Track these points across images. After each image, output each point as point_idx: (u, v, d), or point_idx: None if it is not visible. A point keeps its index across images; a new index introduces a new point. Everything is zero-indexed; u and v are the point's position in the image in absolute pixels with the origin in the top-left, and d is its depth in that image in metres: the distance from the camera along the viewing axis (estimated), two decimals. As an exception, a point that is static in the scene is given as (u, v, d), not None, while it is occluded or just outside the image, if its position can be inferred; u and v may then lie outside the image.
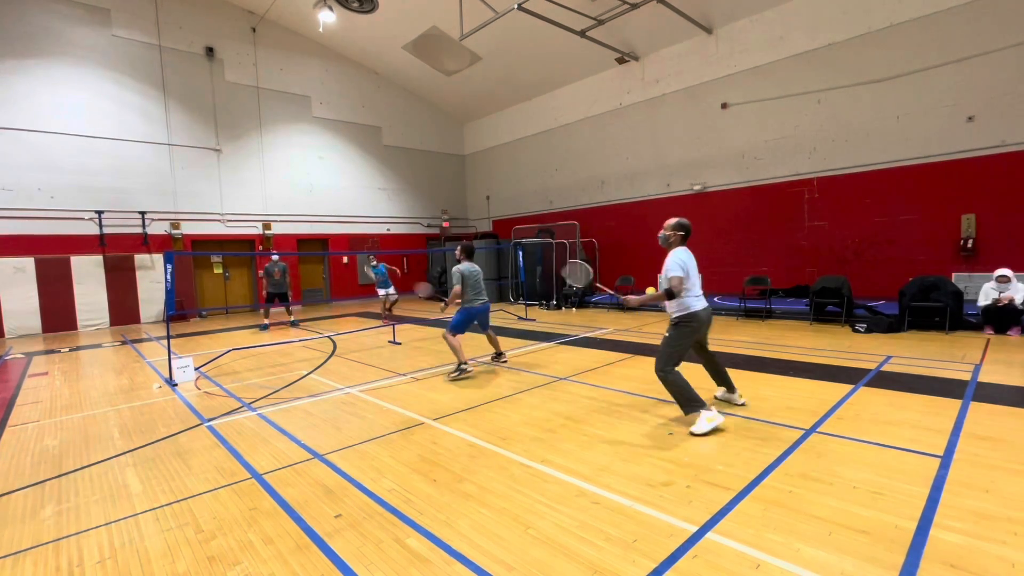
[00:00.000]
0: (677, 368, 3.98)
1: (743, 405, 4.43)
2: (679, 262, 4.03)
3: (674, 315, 4.05)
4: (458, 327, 6.12)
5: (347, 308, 15.58)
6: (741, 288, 10.44)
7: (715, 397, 4.57)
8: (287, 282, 11.45)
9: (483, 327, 6.56)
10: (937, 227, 9.63)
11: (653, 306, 11.73)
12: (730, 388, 4.48)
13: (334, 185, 16.93)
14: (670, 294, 3.97)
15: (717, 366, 4.46)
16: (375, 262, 11.69)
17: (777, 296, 10.73)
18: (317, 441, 4.03)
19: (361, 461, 3.59)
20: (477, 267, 6.36)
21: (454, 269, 6.24)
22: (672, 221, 4.33)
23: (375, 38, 15.62)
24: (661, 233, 4.39)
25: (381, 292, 11.66)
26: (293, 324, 11.56)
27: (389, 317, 11.54)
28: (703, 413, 3.83)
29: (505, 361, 6.71)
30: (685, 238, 4.28)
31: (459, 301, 6.20)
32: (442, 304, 6.15)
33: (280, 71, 15.60)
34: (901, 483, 2.90)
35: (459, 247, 6.36)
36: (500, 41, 14.15)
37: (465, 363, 6.00)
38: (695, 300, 4.03)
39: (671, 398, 4.08)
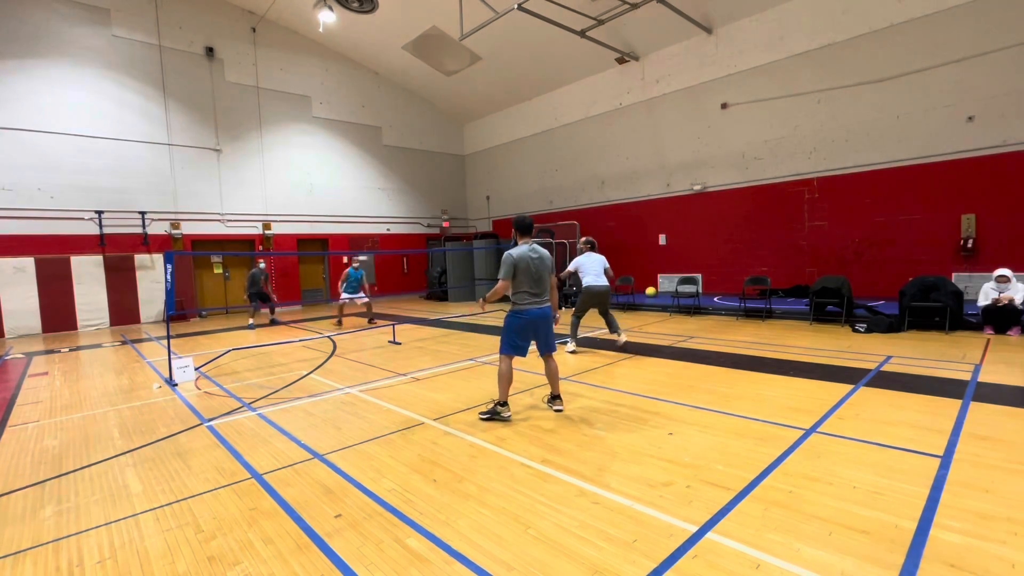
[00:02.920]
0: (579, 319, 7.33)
1: (623, 340, 7.12)
2: (575, 262, 7.34)
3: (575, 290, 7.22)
4: (505, 344, 4.38)
5: (347, 308, 15.55)
6: (741, 288, 10.44)
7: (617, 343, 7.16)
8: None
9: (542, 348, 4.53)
10: (937, 227, 9.64)
11: (656, 305, 11.74)
12: (613, 329, 7.21)
13: (334, 185, 16.93)
14: (561, 282, 7.19)
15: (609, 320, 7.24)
16: (357, 264, 11.30)
17: (777, 296, 10.74)
18: (317, 441, 4.03)
19: (361, 461, 3.59)
20: (541, 250, 4.40)
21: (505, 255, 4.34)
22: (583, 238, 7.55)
23: (375, 38, 15.62)
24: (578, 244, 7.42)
25: (346, 297, 11.02)
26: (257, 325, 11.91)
27: (341, 322, 11.45)
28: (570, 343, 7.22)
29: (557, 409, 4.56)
30: (590, 248, 7.46)
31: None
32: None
33: (280, 71, 15.60)
34: (901, 483, 2.90)
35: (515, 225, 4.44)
36: (500, 41, 14.15)
37: (502, 404, 4.33)
38: (591, 279, 7.10)
39: (672, 397, 4.49)
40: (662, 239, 14.10)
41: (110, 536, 2.71)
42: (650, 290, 13.53)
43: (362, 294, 11.21)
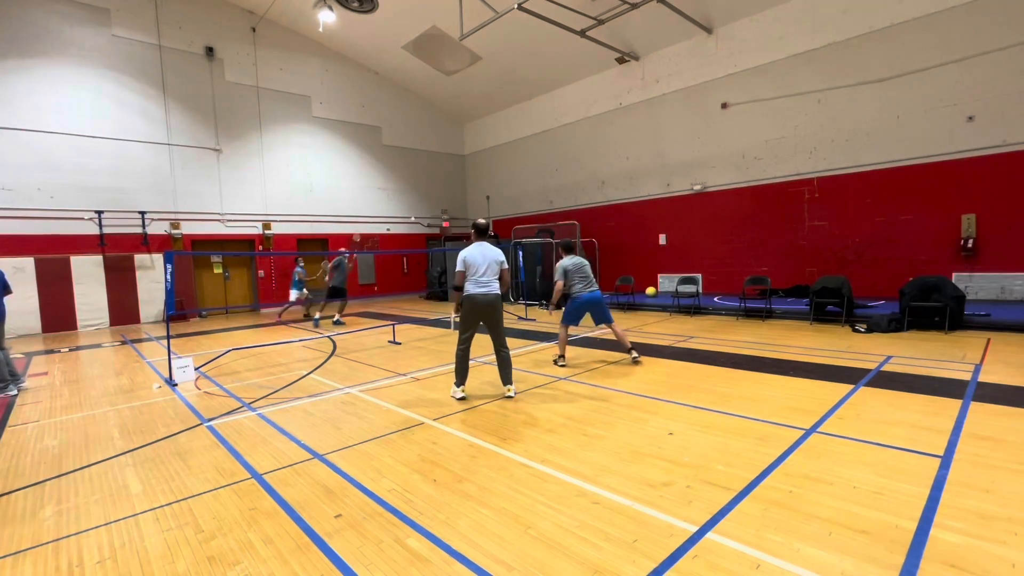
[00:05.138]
0: (464, 340, 4.98)
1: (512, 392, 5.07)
2: (460, 257, 4.92)
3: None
4: (566, 317, 6.40)
5: (347, 308, 15.56)
6: (741, 288, 10.44)
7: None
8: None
9: (597, 319, 6.44)
10: (937, 227, 9.64)
11: (656, 305, 11.74)
12: (505, 382, 5.10)
13: (334, 185, 16.93)
14: (455, 287, 5.07)
15: (500, 358, 5.11)
16: (302, 263, 12.25)
17: (777, 296, 10.74)
18: (317, 441, 4.03)
19: (361, 461, 3.59)
20: (581, 259, 6.44)
21: (557, 264, 6.43)
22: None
23: (375, 38, 15.62)
24: None
25: (296, 294, 12.16)
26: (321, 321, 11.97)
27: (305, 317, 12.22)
28: (455, 386, 5.05)
29: (635, 358, 6.30)
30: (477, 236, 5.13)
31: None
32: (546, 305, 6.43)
33: (280, 71, 15.60)
34: (901, 483, 2.90)
35: (560, 246, 6.68)
36: (500, 41, 14.15)
37: (561, 356, 6.46)
38: (471, 286, 4.91)
39: (672, 397, 4.45)
40: (662, 239, 14.10)
41: (110, 536, 2.71)
42: (650, 290, 13.53)
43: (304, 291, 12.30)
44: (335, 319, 11.63)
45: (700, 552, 2.33)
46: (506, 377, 5.05)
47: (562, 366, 6.32)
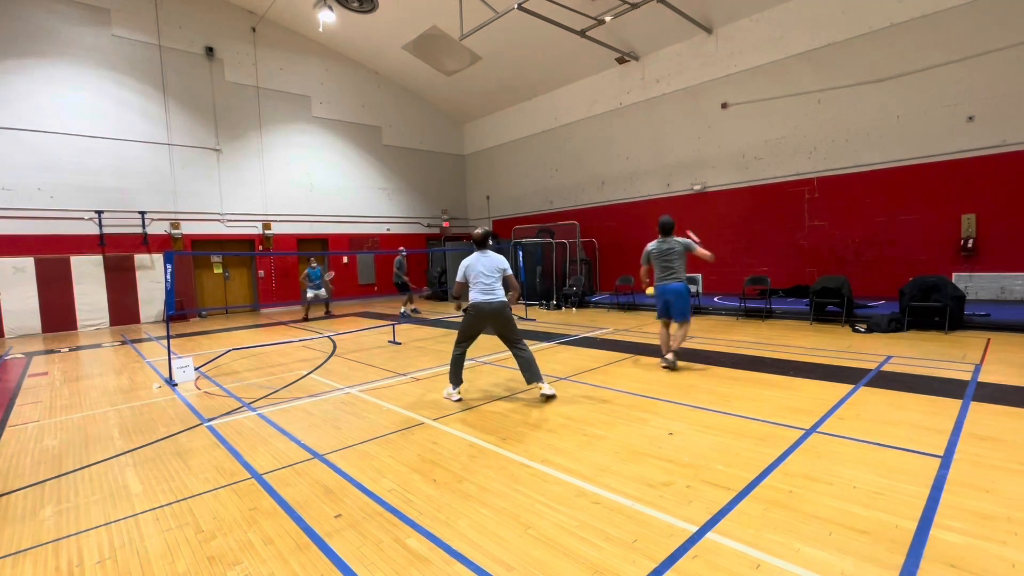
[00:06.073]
0: (462, 345, 5.02)
1: (552, 396, 4.85)
2: (461, 267, 4.99)
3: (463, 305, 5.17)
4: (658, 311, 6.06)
5: (347, 308, 15.57)
6: (741, 288, 10.44)
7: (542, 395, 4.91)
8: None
9: (672, 315, 5.92)
10: (937, 227, 9.63)
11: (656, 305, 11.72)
12: (532, 380, 4.92)
13: (334, 185, 16.93)
14: (454, 297, 5.24)
15: (519, 360, 4.95)
16: (314, 264, 12.75)
17: (777, 296, 10.73)
18: (317, 441, 4.03)
19: (361, 461, 3.59)
20: (672, 241, 6.03)
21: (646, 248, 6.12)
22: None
23: (375, 38, 15.62)
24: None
25: (311, 294, 12.67)
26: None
27: (309, 319, 12.72)
28: (451, 388, 4.98)
29: (667, 365, 5.82)
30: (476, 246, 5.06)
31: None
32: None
33: (280, 71, 15.60)
34: (901, 483, 2.90)
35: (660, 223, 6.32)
36: (500, 41, 14.15)
37: (663, 357, 5.93)
38: (476, 294, 4.90)
39: (672, 397, 4.48)
40: (662, 239, 14.08)
41: (110, 536, 2.71)
42: (650, 290, 13.46)
43: (323, 290, 12.89)
44: (412, 309, 12.45)
45: (700, 552, 2.33)
46: (531, 375, 4.86)
47: (664, 367, 5.85)
